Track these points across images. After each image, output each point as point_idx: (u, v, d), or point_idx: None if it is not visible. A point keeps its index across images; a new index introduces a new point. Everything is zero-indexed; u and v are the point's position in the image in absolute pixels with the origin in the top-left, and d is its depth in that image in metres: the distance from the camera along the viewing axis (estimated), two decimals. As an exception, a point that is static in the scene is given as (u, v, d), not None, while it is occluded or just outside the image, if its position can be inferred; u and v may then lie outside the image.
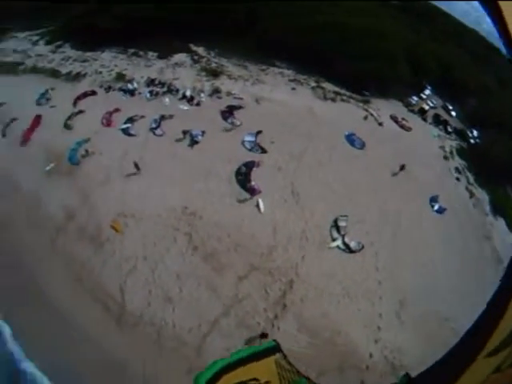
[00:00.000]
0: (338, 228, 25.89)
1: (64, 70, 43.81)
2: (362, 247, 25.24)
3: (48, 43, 50.61)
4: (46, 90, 40.44)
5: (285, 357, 5.48)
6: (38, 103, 39.11)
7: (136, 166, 28.43)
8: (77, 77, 42.26)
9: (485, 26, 53.26)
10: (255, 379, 4.94)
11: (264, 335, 21.27)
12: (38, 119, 36.40)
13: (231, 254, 24.25)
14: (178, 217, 26.08)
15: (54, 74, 43.77)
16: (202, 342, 21.12)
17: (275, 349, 5.50)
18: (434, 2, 52.06)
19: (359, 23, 38.93)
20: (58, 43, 49.76)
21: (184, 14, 41.62)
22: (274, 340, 5.69)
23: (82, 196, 28.61)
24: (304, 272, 23.61)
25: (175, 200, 26.96)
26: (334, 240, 25.45)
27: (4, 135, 36.28)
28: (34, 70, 45.61)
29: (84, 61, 44.88)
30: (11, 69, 46.21)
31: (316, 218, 26.42)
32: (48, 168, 31.24)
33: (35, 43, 51.35)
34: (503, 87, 43.46)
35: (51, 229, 27.27)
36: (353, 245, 25.18)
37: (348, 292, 23.23)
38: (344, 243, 25.24)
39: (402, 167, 30.24)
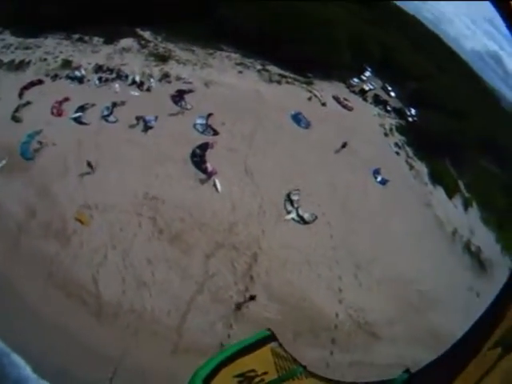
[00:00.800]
0: (291, 202, 26.85)
1: (6, 59, 39.51)
2: (316, 218, 26.40)
3: None
4: None
5: (280, 345, 5.27)
6: None
7: (89, 165, 26.86)
8: (20, 65, 38.53)
9: (426, 13, 56.34)
10: (253, 370, 4.81)
11: (252, 297, 22.32)
12: None
13: (196, 233, 24.42)
14: (140, 202, 25.58)
15: None
16: (182, 322, 21.52)
17: (270, 338, 5.28)
18: None
19: (306, 9, 38.96)
20: None
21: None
22: (269, 329, 5.42)
23: (41, 191, 26.88)
24: (265, 245, 24.44)
25: (135, 186, 26.38)
26: (288, 213, 26.39)
27: None
28: None
29: (26, 48, 40.90)
30: None
31: (270, 193, 27.16)
32: (0, 165, 28.75)
33: None
34: (441, 72, 46.76)
35: (13, 228, 25.57)
36: (306, 216, 26.25)
37: (308, 260, 24.47)
38: (298, 215, 26.26)
39: (344, 145, 31.52)
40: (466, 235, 31.01)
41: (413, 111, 41.39)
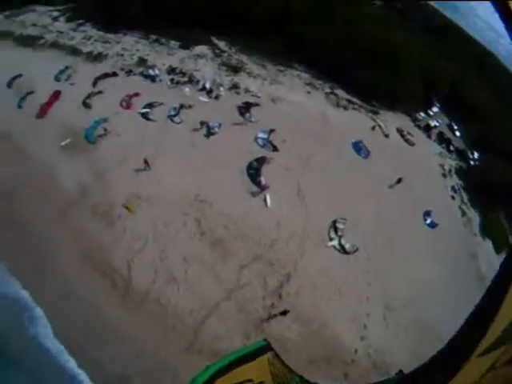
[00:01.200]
0: (336, 229, 26.81)
1: (85, 49, 43.50)
2: (357, 249, 26.17)
3: (69, 20, 50.15)
4: (66, 67, 40.49)
5: (277, 355, 5.27)
6: (57, 79, 39.11)
7: (146, 161, 28.28)
8: (98, 57, 42.07)
9: (500, 48, 53.96)
10: (249, 380, 4.83)
11: (284, 312, 22.20)
12: (56, 94, 36.38)
13: (237, 242, 25.01)
14: (189, 203, 26.71)
15: (75, 51, 43.47)
16: (201, 323, 21.92)
17: (267, 348, 5.28)
18: (453, 19, 52.63)
19: (379, 35, 39.31)
20: (80, 21, 49.29)
21: (209, 4, 41.44)
22: (265, 339, 5.44)
23: (96, 173, 28.98)
24: (301, 267, 24.45)
25: (188, 186, 27.55)
26: (331, 240, 26.37)
27: (20, 107, 35.98)
28: (54, 45, 45.27)
29: (105, 42, 44.54)
30: (30, 42, 46.09)
31: (317, 217, 27.23)
32: (64, 143, 31.40)
33: (55, 19, 50.93)
34: (509, 113, 44.34)
35: (63, 201, 27.69)
36: (348, 246, 26.11)
37: (339, 289, 24.14)
38: (340, 244, 26.17)
39: (399, 180, 31.05)
40: None
41: (476, 155, 39.92)
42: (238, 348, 17.79)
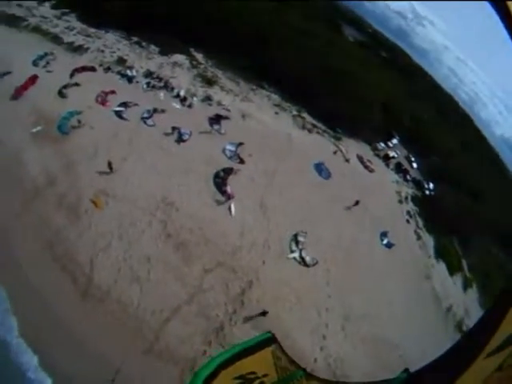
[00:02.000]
0: (297, 242, 27.93)
1: (66, 39, 42.55)
2: (316, 262, 27.34)
3: (54, 7, 48.46)
4: (45, 53, 39.28)
5: (281, 347, 5.11)
6: (35, 64, 37.81)
7: (110, 166, 27.85)
8: (78, 49, 41.32)
9: (461, 93, 58.97)
10: (253, 372, 4.75)
11: (264, 313, 23.17)
12: (33, 79, 35.28)
13: (201, 247, 25.42)
14: (156, 204, 26.87)
15: (56, 39, 42.36)
16: (162, 326, 21.95)
17: (271, 340, 5.10)
18: (418, 62, 56.96)
19: (349, 69, 42.04)
20: (65, 10, 47.91)
21: (191, 18, 42.64)
22: (269, 331, 5.24)
23: (66, 165, 28.39)
24: (263, 276, 25.20)
25: (156, 188, 27.75)
26: (292, 252, 27.42)
27: None
28: (36, 29, 43.70)
29: (87, 35, 43.89)
30: (13, 22, 43.96)
31: (278, 230, 28.27)
32: (35, 130, 30.55)
33: (40, 3, 48.77)
34: (465, 150, 48.58)
35: (29, 190, 26.91)
36: (308, 259, 27.24)
37: (300, 300, 25.00)
38: (301, 256, 27.25)
39: (357, 202, 32.76)
40: (460, 314, 31.07)
41: (431, 185, 42.47)
42: (196, 354, 18.21)
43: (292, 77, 40.56)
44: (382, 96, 43.74)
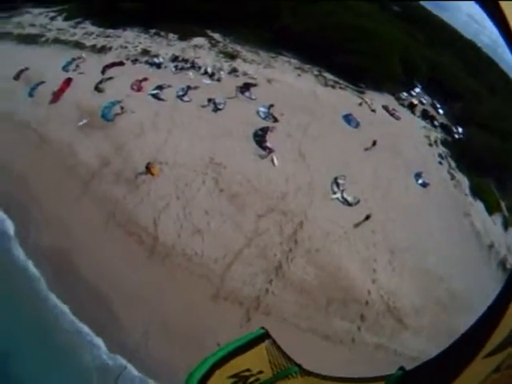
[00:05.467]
0: (337, 185, 28.95)
1: (88, 43, 44.52)
2: (358, 201, 28.20)
3: (67, 19, 50.85)
4: (73, 59, 41.21)
5: (274, 342, 4.87)
6: (65, 69, 39.79)
7: (147, 168, 27.93)
8: (102, 49, 43.21)
9: (483, 37, 57.44)
10: (248, 370, 4.58)
11: (367, 217, 26.28)
12: (68, 82, 37.19)
13: (251, 196, 26.80)
14: (205, 165, 28.35)
15: (79, 45, 44.26)
16: (226, 270, 23.38)
17: (264, 336, 4.85)
18: (435, 12, 56.04)
19: (361, 25, 42.36)
20: (78, 20, 50.13)
21: (198, 2, 43.72)
22: (263, 327, 4.91)
23: (116, 146, 30.14)
24: (311, 216, 26.29)
25: (203, 151, 29.21)
26: (334, 193, 28.48)
27: (31, 95, 36.67)
28: (57, 41, 45.95)
29: (107, 36, 45.69)
30: (31, 39, 46.55)
31: (319, 175, 29.25)
32: (81, 123, 32.37)
33: (53, 19, 51.52)
34: (492, 94, 47.30)
35: (85, 174, 28.89)
36: (350, 199, 28.18)
37: (348, 236, 25.90)
38: (343, 197, 28.28)
39: (374, 143, 33.07)
40: (502, 252, 30.31)
41: (460, 129, 41.89)
42: (260, 293, 19.86)
43: (307, 40, 41.24)
44: (398, 48, 43.54)
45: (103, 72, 38.97)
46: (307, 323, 21.84)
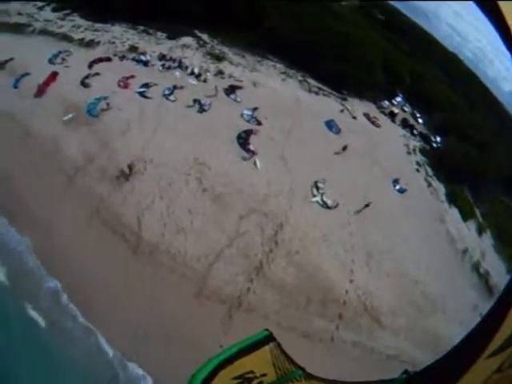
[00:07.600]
0: (317, 188, 29.65)
1: (76, 36, 43.36)
2: (337, 205, 29.01)
3: (55, 10, 48.86)
4: (59, 51, 39.99)
5: (279, 345, 4.84)
6: (51, 62, 38.60)
7: (129, 168, 27.80)
8: (90, 44, 42.30)
9: (466, 52, 58.42)
10: (251, 372, 4.55)
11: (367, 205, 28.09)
12: (53, 75, 36.16)
13: (234, 197, 27.19)
14: (189, 165, 28.52)
15: (66, 38, 43.03)
16: (208, 269, 23.74)
17: (269, 338, 4.82)
18: (418, 23, 57.06)
19: (347, 32, 43.13)
20: (66, 12, 48.41)
21: (189, 3, 43.33)
22: (267, 329, 4.87)
23: (101, 142, 29.86)
24: (291, 218, 26.89)
25: (187, 152, 29.34)
26: (314, 196, 29.17)
27: (16, 87, 35.54)
28: (44, 32, 44.35)
29: (95, 30, 44.67)
30: (18, 29, 44.53)
31: (300, 178, 29.89)
32: (66, 118, 31.71)
33: (41, 8, 49.22)
34: (472, 108, 48.55)
35: (70, 169, 28.42)
36: (329, 202, 28.95)
37: (326, 238, 26.61)
38: (322, 200, 29.00)
39: (344, 148, 33.95)
40: (476, 257, 31.39)
41: (438, 139, 43.08)
42: (241, 292, 20.38)
43: (293, 45, 41.72)
44: (381, 56, 44.48)
45: (90, 67, 38.33)
46: (288, 321, 22.32)
